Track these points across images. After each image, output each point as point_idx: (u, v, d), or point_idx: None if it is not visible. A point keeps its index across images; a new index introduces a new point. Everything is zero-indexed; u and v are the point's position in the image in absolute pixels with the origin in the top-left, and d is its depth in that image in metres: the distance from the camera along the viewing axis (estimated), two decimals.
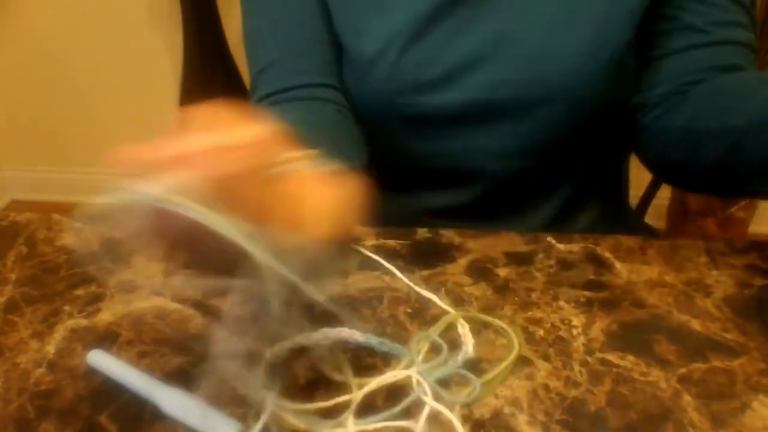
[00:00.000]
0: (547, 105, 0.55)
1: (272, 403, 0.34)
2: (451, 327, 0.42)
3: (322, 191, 0.33)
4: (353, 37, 0.58)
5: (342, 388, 0.37)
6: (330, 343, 0.39)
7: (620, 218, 0.71)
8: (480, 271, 0.48)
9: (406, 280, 0.47)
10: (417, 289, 0.46)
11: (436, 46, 0.56)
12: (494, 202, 0.63)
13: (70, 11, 1.81)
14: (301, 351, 0.39)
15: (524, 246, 0.51)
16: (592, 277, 0.48)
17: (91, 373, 0.38)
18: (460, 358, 0.39)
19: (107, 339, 0.41)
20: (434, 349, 0.40)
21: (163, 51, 1.84)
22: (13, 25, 1.85)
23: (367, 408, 0.36)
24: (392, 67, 0.56)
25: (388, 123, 0.60)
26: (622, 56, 0.55)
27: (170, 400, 0.35)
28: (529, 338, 0.41)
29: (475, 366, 0.39)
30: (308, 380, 0.38)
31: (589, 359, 0.40)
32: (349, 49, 0.59)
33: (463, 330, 0.42)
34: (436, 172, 0.62)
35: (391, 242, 0.51)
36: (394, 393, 0.37)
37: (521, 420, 0.35)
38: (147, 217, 0.29)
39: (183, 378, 0.38)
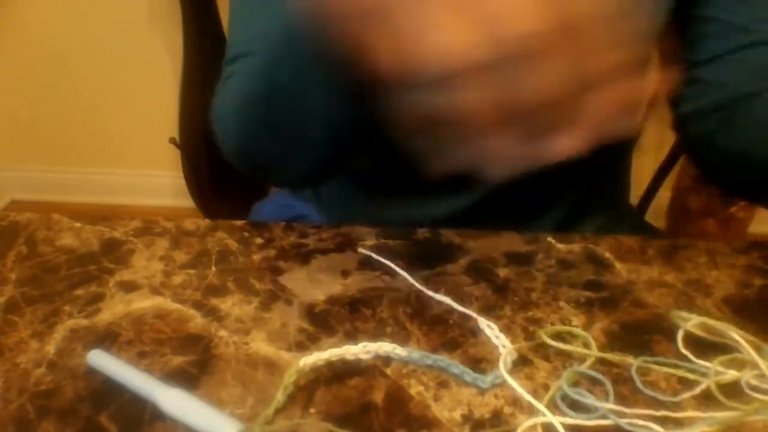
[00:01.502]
0: None
1: None
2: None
3: None
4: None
5: None
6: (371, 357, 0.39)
7: (622, 219, 0.71)
8: (480, 271, 0.48)
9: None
10: None
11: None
12: (497, 209, 0.62)
13: (71, 11, 1.82)
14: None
15: (524, 246, 0.52)
16: (592, 277, 0.48)
17: (91, 373, 0.38)
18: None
19: (107, 339, 0.41)
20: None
21: (163, 51, 1.84)
22: (13, 25, 1.85)
23: None
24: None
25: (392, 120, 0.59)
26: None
27: (170, 400, 0.35)
28: (529, 338, 0.41)
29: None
30: None
31: (590, 360, 0.40)
32: None
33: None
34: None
35: (391, 242, 0.51)
36: None
37: (521, 420, 0.35)
38: None
39: (183, 378, 0.38)
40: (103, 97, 1.92)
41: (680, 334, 0.41)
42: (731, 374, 0.38)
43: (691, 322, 0.42)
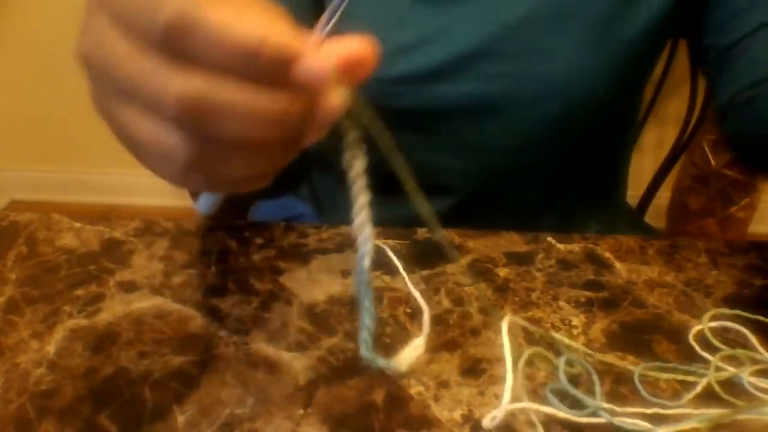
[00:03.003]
0: (543, 101, 0.55)
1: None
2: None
3: None
4: (348, 20, 0.58)
5: None
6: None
7: (620, 219, 0.71)
8: (480, 271, 0.48)
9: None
10: None
11: (433, 35, 0.56)
12: (492, 207, 0.62)
13: (71, 11, 1.81)
14: None
15: (524, 246, 0.52)
16: (592, 277, 0.48)
17: (91, 372, 0.38)
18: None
19: (107, 339, 0.41)
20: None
21: None
22: (13, 25, 1.85)
23: None
24: (386, 52, 0.56)
25: (383, 117, 0.60)
26: (625, 54, 0.54)
27: None
28: (530, 338, 0.41)
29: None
30: None
31: (589, 359, 0.40)
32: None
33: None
34: (429, 169, 0.61)
35: (391, 242, 0.51)
36: None
37: (521, 420, 0.35)
38: None
39: (183, 378, 0.38)
40: None
41: (692, 333, 0.42)
42: (731, 370, 0.38)
43: (710, 324, 0.42)
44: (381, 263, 0.49)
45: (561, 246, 0.51)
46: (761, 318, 0.43)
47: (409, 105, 0.57)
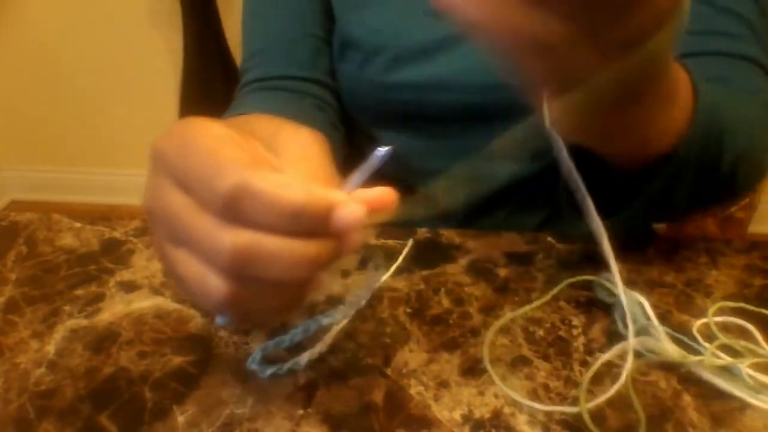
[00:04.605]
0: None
1: None
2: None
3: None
4: (354, 25, 0.58)
5: None
6: None
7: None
8: (480, 271, 0.48)
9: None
10: None
11: (436, 43, 0.56)
12: (485, 207, 0.62)
13: (71, 11, 1.82)
14: None
15: (524, 246, 0.52)
16: (592, 276, 0.48)
17: (91, 372, 0.38)
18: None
19: (107, 339, 0.41)
20: None
21: (163, 51, 1.84)
22: (14, 25, 1.85)
23: None
24: (391, 60, 0.56)
25: (384, 122, 0.60)
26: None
27: None
28: (529, 338, 0.41)
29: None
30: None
31: (589, 359, 0.40)
32: (350, 38, 0.59)
33: None
34: (427, 175, 0.62)
35: (391, 242, 0.51)
36: None
37: (521, 420, 0.35)
38: None
39: (183, 378, 0.38)
40: (103, 97, 1.92)
41: (696, 325, 0.42)
42: (726, 359, 0.38)
43: (716, 318, 0.42)
44: (381, 263, 0.49)
45: (561, 246, 0.51)
46: (763, 310, 0.43)
47: (409, 110, 0.58)
